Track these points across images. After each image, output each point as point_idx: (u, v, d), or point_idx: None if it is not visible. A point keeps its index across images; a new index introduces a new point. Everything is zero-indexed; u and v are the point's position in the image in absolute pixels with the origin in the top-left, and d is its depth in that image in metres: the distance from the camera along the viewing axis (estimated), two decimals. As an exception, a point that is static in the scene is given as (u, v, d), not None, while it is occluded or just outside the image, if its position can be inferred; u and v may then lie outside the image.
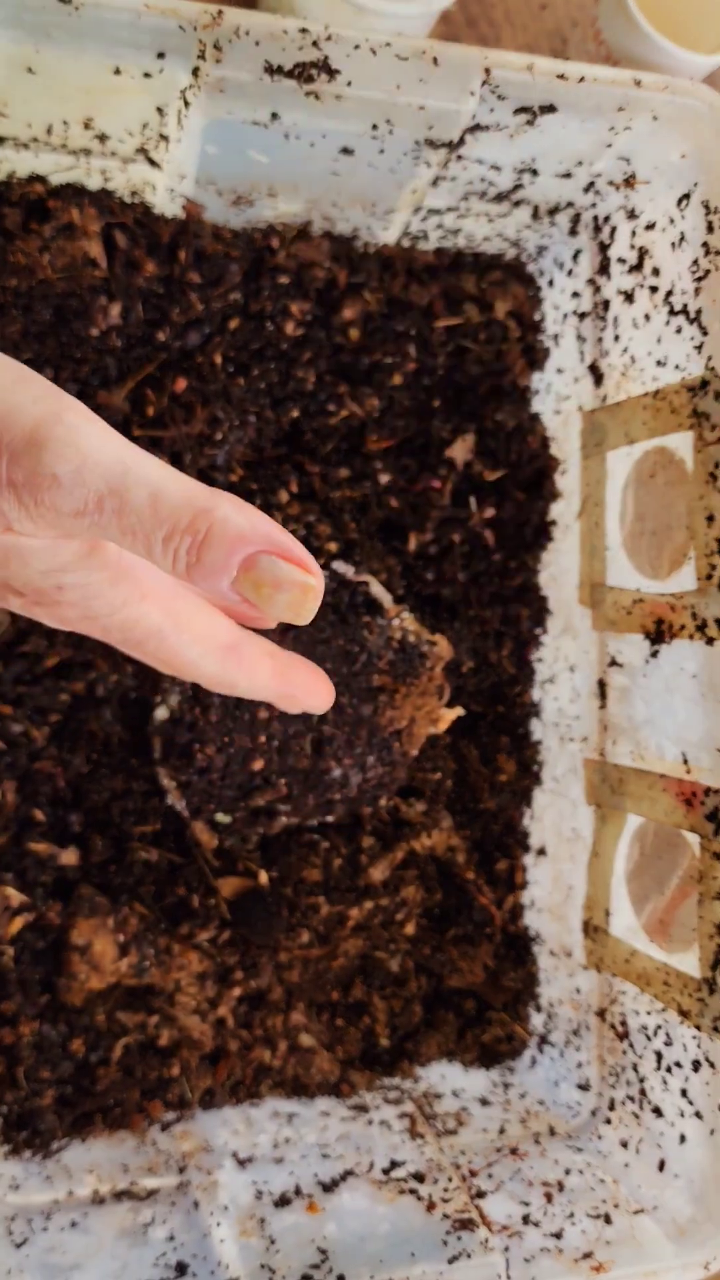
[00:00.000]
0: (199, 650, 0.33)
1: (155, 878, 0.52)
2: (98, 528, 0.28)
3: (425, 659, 0.51)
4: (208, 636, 0.34)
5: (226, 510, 0.28)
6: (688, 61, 0.56)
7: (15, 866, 0.49)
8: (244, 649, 0.34)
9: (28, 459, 0.27)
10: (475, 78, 0.42)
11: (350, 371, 0.54)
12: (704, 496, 0.45)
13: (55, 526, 0.28)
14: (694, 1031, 0.45)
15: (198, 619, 0.33)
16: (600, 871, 0.53)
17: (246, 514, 0.29)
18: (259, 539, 0.28)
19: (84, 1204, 0.46)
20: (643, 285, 0.50)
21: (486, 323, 0.56)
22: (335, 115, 0.44)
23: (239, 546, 0.28)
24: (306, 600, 0.29)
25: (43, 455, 0.27)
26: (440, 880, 0.57)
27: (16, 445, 0.27)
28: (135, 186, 0.48)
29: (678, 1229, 0.45)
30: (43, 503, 0.28)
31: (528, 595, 0.58)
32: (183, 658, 0.34)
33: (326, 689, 0.37)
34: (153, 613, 0.33)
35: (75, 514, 0.28)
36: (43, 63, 0.41)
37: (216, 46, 0.40)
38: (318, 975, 0.53)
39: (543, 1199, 0.46)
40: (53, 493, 0.27)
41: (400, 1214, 0.46)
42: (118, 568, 0.32)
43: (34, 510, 0.28)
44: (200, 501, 0.28)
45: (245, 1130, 0.50)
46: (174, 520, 0.28)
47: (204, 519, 0.28)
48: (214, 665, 0.34)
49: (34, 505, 0.28)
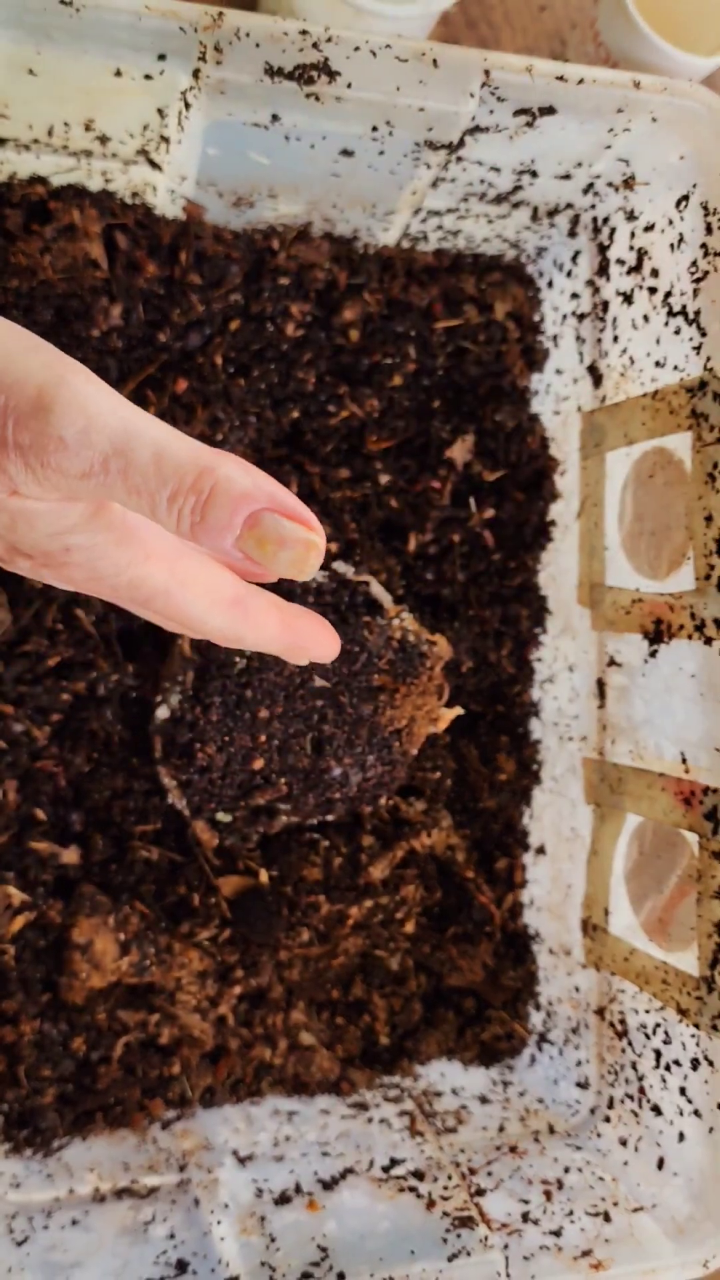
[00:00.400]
0: (205, 606, 0.34)
1: (156, 876, 0.52)
2: (103, 489, 0.29)
3: (425, 659, 0.52)
4: (213, 592, 0.34)
5: (230, 469, 0.29)
6: (687, 63, 0.56)
7: (17, 865, 0.50)
8: (249, 603, 0.35)
9: (34, 422, 0.28)
10: (475, 80, 0.42)
11: (350, 372, 0.55)
12: (702, 497, 0.45)
13: (61, 489, 0.29)
14: (693, 1030, 0.45)
15: (202, 576, 0.34)
16: (599, 870, 0.53)
17: (250, 473, 0.29)
18: (262, 497, 0.29)
19: (85, 1202, 0.46)
20: (642, 286, 0.50)
21: (486, 324, 0.56)
22: (335, 117, 0.44)
23: (243, 504, 0.29)
24: (309, 556, 0.30)
25: (49, 418, 0.28)
26: (440, 879, 0.57)
27: (23, 409, 0.28)
28: (136, 188, 0.48)
29: (677, 1227, 0.45)
30: (49, 465, 0.28)
31: (527, 595, 0.58)
32: (189, 614, 0.34)
33: (333, 639, 0.38)
34: (158, 571, 0.33)
35: (81, 475, 0.28)
36: (44, 64, 0.41)
37: (217, 48, 0.40)
38: (318, 974, 0.54)
39: (542, 1197, 0.47)
40: (59, 455, 0.28)
41: (400, 1212, 0.46)
42: (123, 528, 0.32)
43: (40, 473, 0.28)
44: (204, 460, 0.28)
45: (245, 1128, 0.50)
46: (178, 479, 0.28)
47: (208, 478, 0.28)
48: (221, 620, 0.34)
49: (40, 468, 0.28)
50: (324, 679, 0.50)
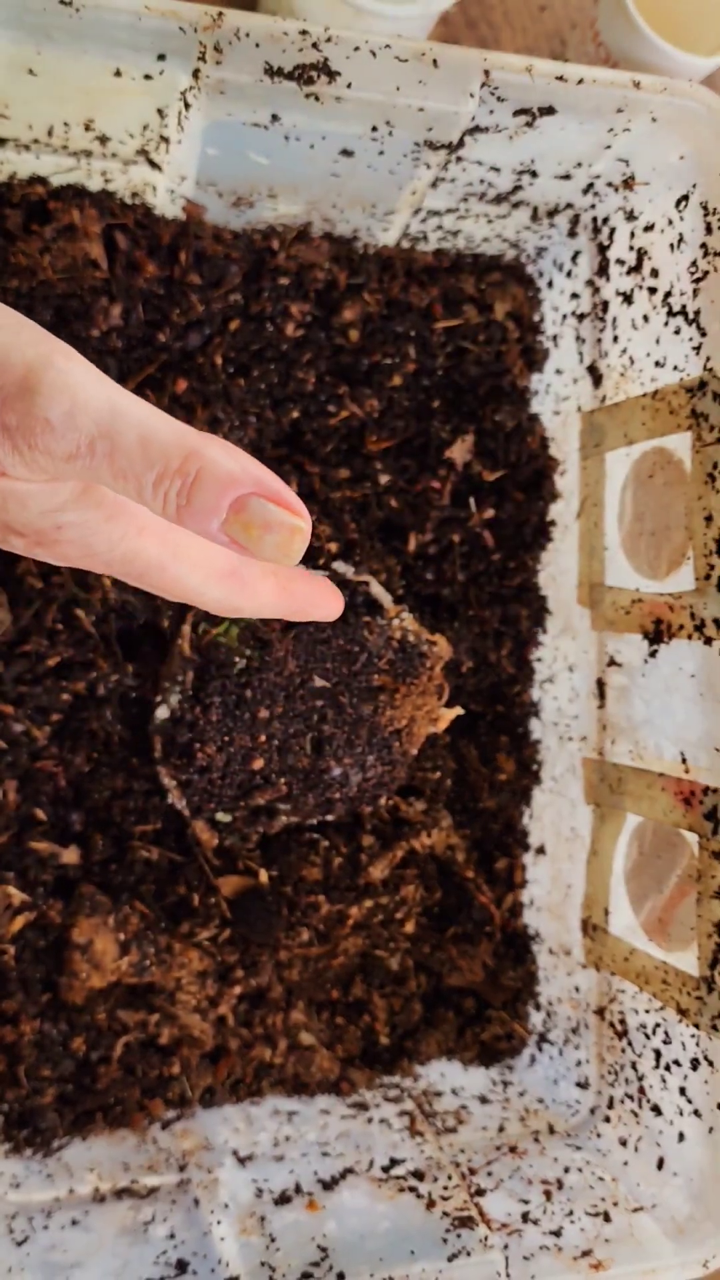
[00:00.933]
0: (199, 578, 0.34)
1: (156, 876, 0.52)
2: (89, 471, 0.29)
3: (425, 659, 0.52)
4: (206, 564, 0.34)
5: (216, 453, 0.29)
6: (686, 63, 0.56)
7: (16, 865, 0.50)
8: (244, 572, 0.35)
9: (21, 404, 0.28)
10: (474, 80, 0.42)
11: (350, 372, 0.55)
12: (702, 497, 0.45)
13: (48, 471, 0.29)
14: (692, 1030, 0.45)
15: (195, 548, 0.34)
16: (599, 870, 0.53)
17: (236, 456, 0.29)
18: (249, 481, 0.29)
19: (85, 1202, 0.46)
20: (641, 286, 0.50)
21: (486, 324, 0.56)
22: (335, 117, 0.44)
23: (229, 489, 0.28)
24: (294, 541, 0.30)
25: (35, 399, 0.28)
26: (440, 879, 0.57)
27: (10, 390, 0.28)
28: (136, 188, 0.48)
29: (676, 1227, 0.45)
30: (36, 447, 0.28)
31: (527, 595, 0.58)
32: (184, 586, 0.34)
33: (333, 598, 0.38)
34: (150, 545, 0.33)
35: (68, 457, 0.28)
36: (44, 64, 0.41)
37: (217, 48, 0.40)
38: (318, 974, 0.54)
39: (542, 1197, 0.47)
40: (45, 436, 0.28)
41: (400, 1212, 0.46)
42: (114, 505, 0.32)
43: (28, 455, 0.28)
44: (190, 443, 0.28)
45: (245, 1128, 0.50)
46: (164, 462, 0.28)
47: (194, 461, 0.28)
48: (216, 591, 0.35)
49: (28, 450, 0.28)
50: (324, 679, 0.50)
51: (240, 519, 0.29)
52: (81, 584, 0.50)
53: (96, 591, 0.50)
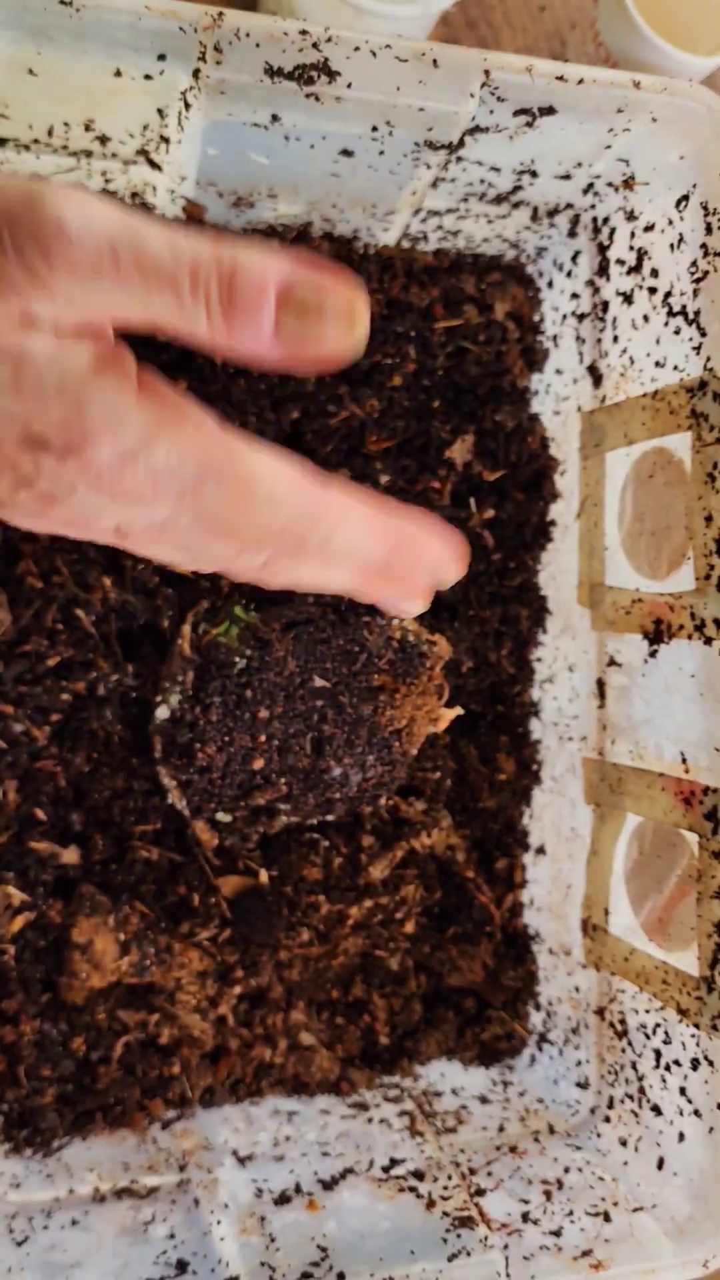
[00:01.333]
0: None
1: (156, 876, 0.52)
2: (120, 288, 0.26)
3: (425, 659, 0.52)
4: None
5: (242, 245, 0.26)
6: (686, 63, 0.56)
7: (16, 865, 0.50)
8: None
9: (28, 215, 0.26)
10: (475, 80, 0.42)
11: (350, 372, 0.55)
12: (702, 497, 0.45)
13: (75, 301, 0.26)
14: (693, 1030, 0.45)
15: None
16: (599, 870, 0.53)
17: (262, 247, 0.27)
18: (285, 263, 0.26)
19: (85, 1202, 0.46)
20: (641, 286, 0.50)
21: (486, 324, 0.56)
22: (335, 117, 0.44)
23: (269, 273, 0.26)
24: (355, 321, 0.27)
25: (44, 205, 0.26)
26: (440, 879, 0.57)
27: (14, 209, 0.26)
28: (136, 188, 0.48)
29: (677, 1227, 0.45)
30: (54, 258, 0.26)
31: (527, 595, 0.58)
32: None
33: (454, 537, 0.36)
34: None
35: (91, 267, 0.26)
36: (44, 64, 0.41)
37: (217, 48, 0.40)
38: (318, 974, 0.54)
39: (542, 1197, 0.47)
40: (61, 243, 0.26)
41: (400, 1212, 0.46)
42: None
43: (49, 276, 0.26)
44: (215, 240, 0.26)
45: (245, 1128, 0.50)
46: (194, 256, 0.26)
47: (226, 253, 0.26)
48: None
49: (46, 268, 0.26)
50: (324, 679, 0.50)
51: (292, 307, 0.26)
52: (82, 584, 0.50)
53: (96, 591, 0.50)
